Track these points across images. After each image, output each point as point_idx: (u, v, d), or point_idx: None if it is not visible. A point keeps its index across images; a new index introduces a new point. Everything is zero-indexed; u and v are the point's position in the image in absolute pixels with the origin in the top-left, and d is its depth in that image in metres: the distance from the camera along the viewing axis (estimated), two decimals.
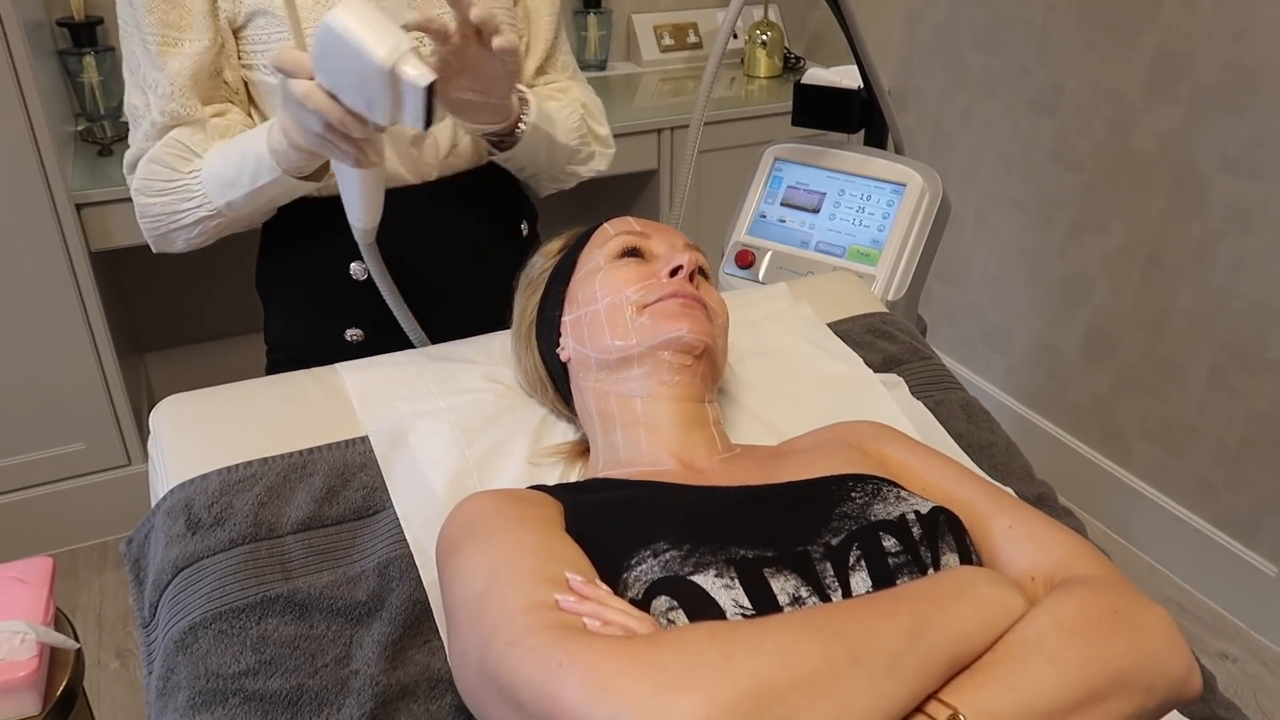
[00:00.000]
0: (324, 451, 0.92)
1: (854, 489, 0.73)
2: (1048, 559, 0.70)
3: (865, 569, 0.66)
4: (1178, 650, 0.63)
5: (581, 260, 0.94)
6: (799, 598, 0.63)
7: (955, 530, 0.71)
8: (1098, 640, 0.60)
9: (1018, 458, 1.06)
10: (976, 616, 0.60)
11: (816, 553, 0.67)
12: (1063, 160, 2.13)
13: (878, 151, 1.55)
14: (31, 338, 1.94)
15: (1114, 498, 2.17)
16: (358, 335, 1.15)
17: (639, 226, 0.93)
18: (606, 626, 0.59)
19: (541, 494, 0.78)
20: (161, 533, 0.86)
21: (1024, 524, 0.74)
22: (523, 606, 0.60)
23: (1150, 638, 0.63)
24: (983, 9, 2.25)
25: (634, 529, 0.70)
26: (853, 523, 0.69)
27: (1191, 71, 1.83)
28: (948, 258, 2.47)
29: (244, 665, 0.76)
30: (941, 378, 1.13)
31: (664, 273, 0.88)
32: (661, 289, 0.87)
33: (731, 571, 0.63)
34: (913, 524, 0.69)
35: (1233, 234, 1.82)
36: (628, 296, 0.87)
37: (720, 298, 0.93)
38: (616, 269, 0.89)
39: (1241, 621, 1.95)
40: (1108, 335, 2.12)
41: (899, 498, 0.72)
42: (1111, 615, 0.62)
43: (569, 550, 0.68)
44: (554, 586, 0.62)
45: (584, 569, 0.66)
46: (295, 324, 1.19)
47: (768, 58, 2.63)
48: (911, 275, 1.44)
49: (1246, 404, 1.85)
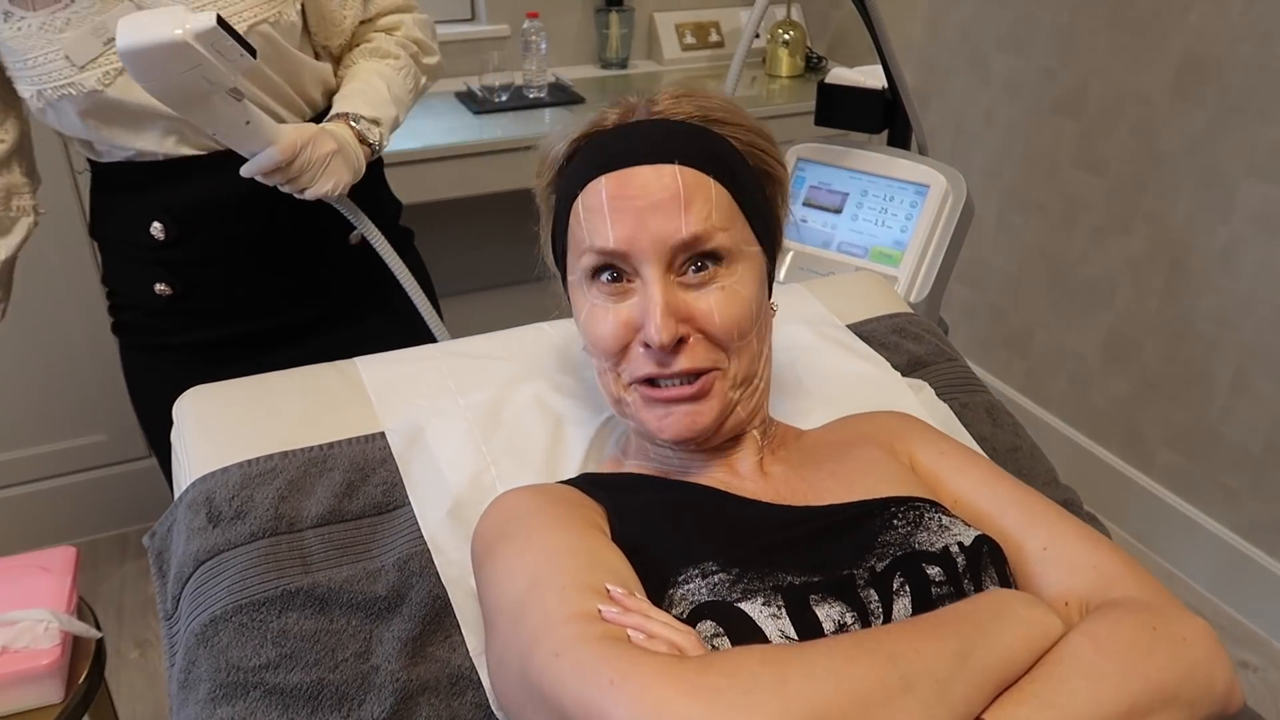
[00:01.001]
0: (344, 446, 0.92)
1: (896, 515, 0.72)
2: (1083, 582, 0.69)
3: (909, 595, 0.65)
4: (1220, 663, 0.63)
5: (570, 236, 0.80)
6: (844, 624, 0.63)
7: (997, 561, 0.70)
8: (1136, 655, 0.60)
9: (1042, 462, 1.05)
10: (1018, 638, 0.60)
11: (861, 579, 0.66)
12: (1086, 163, 2.11)
13: (901, 152, 1.54)
14: (56, 329, 1.95)
15: (1135, 504, 2.15)
16: (165, 290, 1.18)
17: (613, 239, 0.74)
18: (651, 640, 0.58)
19: (579, 494, 0.76)
20: (183, 525, 0.87)
21: (1058, 543, 0.72)
22: (566, 615, 0.59)
23: (1191, 651, 0.62)
24: (1007, 9, 2.23)
25: (681, 543, 0.69)
26: (896, 549, 0.68)
27: (1220, 74, 1.81)
28: (968, 260, 2.46)
29: (265, 659, 0.76)
30: (967, 380, 1.12)
31: (641, 340, 0.75)
32: (639, 367, 0.76)
33: (779, 599, 0.63)
34: (956, 555, 0.68)
35: (1260, 239, 1.80)
36: (609, 366, 0.78)
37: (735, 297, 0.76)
38: (594, 316, 0.77)
39: (1262, 630, 1.93)
40: (1130, 339, 2.10)
41: (941, 526, 0.71)
42: (1149, 632, 0.62)
43: (610, 554, 0.67)
44: (596, 596, 0.61)
45: (625, 575, 0.65)
46: (115, 271, 1.23)
47: (790, 57, 2.62)
48: (934, 277, 1.43)
49: (1270, 410, 1.83)
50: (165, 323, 1.21)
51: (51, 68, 1.00)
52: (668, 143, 0.76)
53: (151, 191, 1.13)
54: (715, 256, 0.75)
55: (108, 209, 1.19)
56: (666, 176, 0.74)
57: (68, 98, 1.01)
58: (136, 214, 1.14)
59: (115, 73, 1.01)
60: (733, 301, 0.75)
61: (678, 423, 0.76)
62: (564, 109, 2.29)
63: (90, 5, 0.99)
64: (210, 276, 1.19)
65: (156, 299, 1.18)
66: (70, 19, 0.98)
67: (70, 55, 0.99)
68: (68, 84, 1.00)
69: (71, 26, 0.98)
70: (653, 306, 0.73)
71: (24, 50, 0.99)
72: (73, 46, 0.99)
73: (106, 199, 1.18)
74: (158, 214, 1.13)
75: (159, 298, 1.18)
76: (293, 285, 1.23)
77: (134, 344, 1.25)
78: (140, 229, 1.14)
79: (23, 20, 0.98)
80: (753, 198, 0.79)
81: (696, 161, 0.75)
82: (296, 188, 1.07)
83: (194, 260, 1.17)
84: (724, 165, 0.77)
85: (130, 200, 1.14)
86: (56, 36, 0.98)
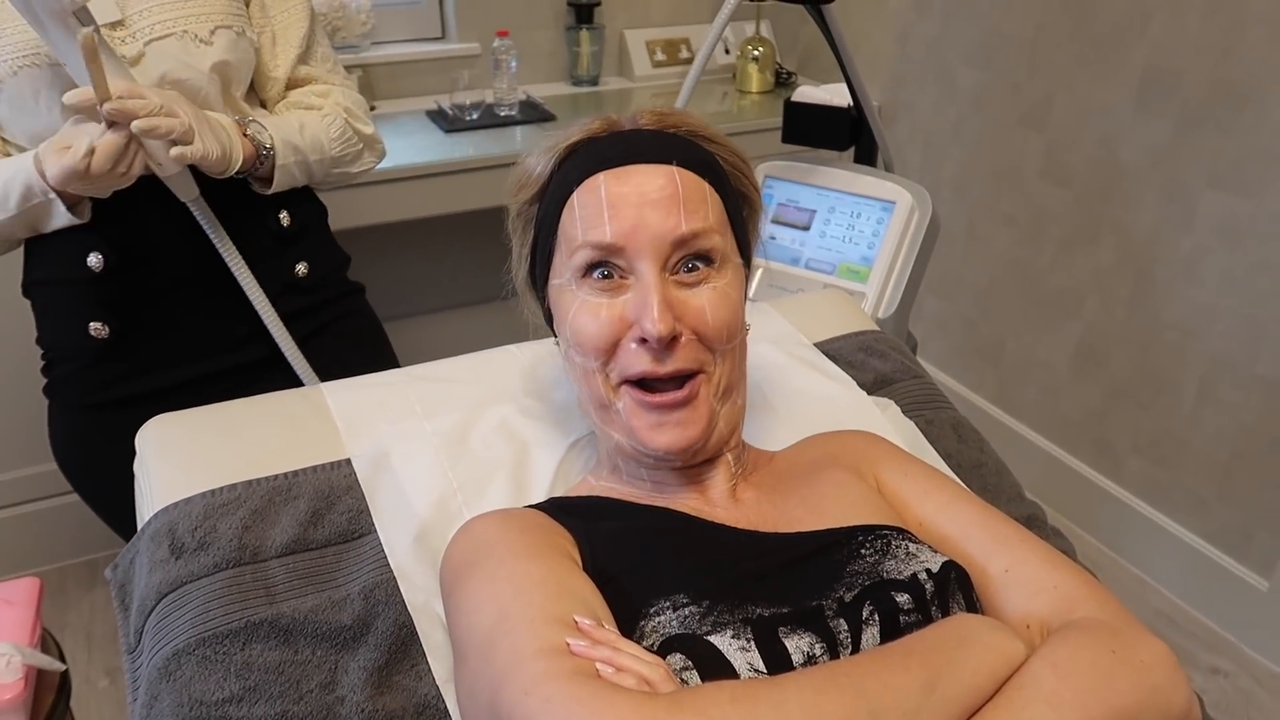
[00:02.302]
0: (308, 474, 0.92)
1: (864, 545, 0.72)
2: (1045, 605, 0.70)
3: (878, 624, 0.66)
4: (1178, 686, 0.63)
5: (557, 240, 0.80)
6: (813, 655, 0.63)
7: (965, 587, 0.71)
8: (1096, 681, 0.60)
9: (1007, 478, 1.06)
10: (983, 665, 0.60)
11: (830, 609, 0.67)
12: (1053, 175, 2.14)
13: (867, 169, 1.56)
14: (23, 355, 1.93)
15: (1105, 511, 2.18)
16: (101, 330, 1.14)
17: (610, 233, 0.75)
18: (620, 674, 0.58)
19: (548, 519, 0.76)
20: (146, 557, 0.86)
21: (1019, 566, 0.73)
22: (535, 650, 0.60)
23: (1151, 675, 0.62)
24: (973, 24, 2.26)
25: (652, 573, 0.69)
26: (865, 578, 0.69)
27: (1180, 87, 1.84)
28: (939, 272, 2.48)
29: (228, 692, 0.75)
30: (933, 397, 1.13)
31: (635, 334, 0.75)
32: (631, 365, 0.76)
33: (748, 632, 0.63)
34: (925, 582, 0.69)
35: (1221, 249, 1.82)
36: (597, 366, 0.78)
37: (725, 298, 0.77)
38: (584, 311, 0.77)
39: (1232, 636, 1.95)
40: (1098, 349, 2.12)
41: (909, 554, 0.71)
42: (1109, 656, 0.62)
43: (578, 583, 0.67)
44: (564, 628, 0.61)
45: (594, 603, 0.66)
46: (49, 322, 1.20)
47: (759, 73, 2.63)
48: (902, 292, 1.45)
49: (1236, 418, 1.86)
50: (103, 372, 1.17)
51: (22, 38, 1.00)
52: (665, 146, 0.78)
53: (89, 223, 1.09)
54: (708, 259, 0.77)
55: (41, 250, 1.15)
56: (665, 175, 0.76)
57: (31, 68, 1.01)
58: (72, 247, 1.11)
59: None
60: (724, 302, 0.77)
61: (669, 433, 0.76)
62: (535, 127, 2.30)
63: None
64: (149, 314, 1.16)
65: (93, 342, 1.14)
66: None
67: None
68: (36, 54, 1.00)
69: None
70: (650, 298, 0.73)
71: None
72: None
73: (37, 239, 1.13)
74: (95, 244, 1.10)
75: (95, 340, 1.14)
76: (236, 323, 1.19)
77: (70, 405, 1.20)
78: (76, 263, 1.11)
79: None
80: (737, 213, 0.82)
81: (693, 166, 0.78)
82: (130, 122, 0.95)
83: (132, 295, 1.14)
84: (716, 174, 0.80)
85: (67, 234, 1.09)
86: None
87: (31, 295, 1.20)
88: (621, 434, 0.79)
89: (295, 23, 1.20)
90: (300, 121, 1.16)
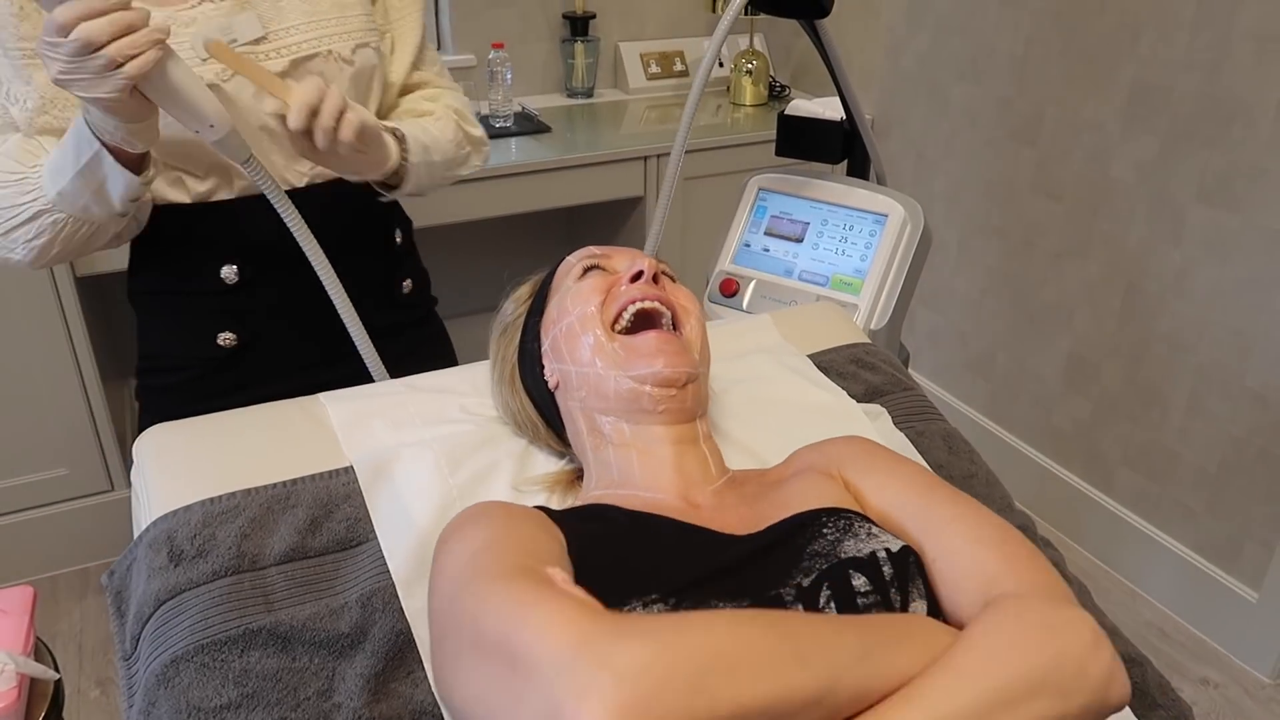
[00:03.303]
0: (307, 482, 0.92)
1: (826, 524, 0.74)
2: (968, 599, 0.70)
3: (834, 608, 0.67)
4: (1095, 652, 0.63)
5: (551, 292, 0.96)
6: None
7: (924, 571, 0.72)
8: (999, 646, 0.61)
9: (997, 489, 1.07)
10: (918, 660, 0.61)
11: (789, 595, 0.68)
12: (1043, 189, 2.16)
13: (860, 182, 1.57)
14: (16, 362, 1.93)
15: (1096, 523, 2.19)
16: (230, 340, 1.14)
17: (599, 250, 0.96)
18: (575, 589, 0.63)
19: (542, 515, 0.79)
20: (144, 565, 0.86)
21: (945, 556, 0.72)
22: (502, 569, 0.64)
23: (1058, 639, 0.62)
24: (965, 40, 2.28)
25: (627, 573, 0.71)
26: (823, 561, 0.70)
27: (1168, 103, 1.86)
28: (931, 284, 2.50)
29: (226, 699, 0.76)
30: (924, 409, 1.14)
31: (626, 278, 0.90)
32: (625, 295, 0.89)
33: None
34: (883, 562, 0.70)
35: (1210, 262, 1.84)
36: (594, 306, 0.89)
37: (690, 293, 0.94)
38: (581, 284, 0.92)
39: (1222, 647, 1.97)
40: (1089, 362, 2.14)
41: (870, 534, 0.72)
42: (1015, 622, 0.63)
43: (560, 555, 0.71)
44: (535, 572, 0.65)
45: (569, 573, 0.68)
46: (167, 331, 1.17)
47: (753, 86, 2.66)
48: (894, 304, 1.46)
49: (1226, 430, 1.87)
50: (215, 382, 1.15)
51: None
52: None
53: (221, 233, 1.09)
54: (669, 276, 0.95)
55: (165, 259, 1.13)
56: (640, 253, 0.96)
57: None
58: (205, 258, 1.10)
59: (232, 72, 1.01)
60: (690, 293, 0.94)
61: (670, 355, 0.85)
62: (531, 138, 2.31)
63: (216, 9, 1.01)
64: (276, 325, 1.15)
65: (219, 352, 1.13)
66: (195, 17, 1.01)
67: (195, 48, 0.99)
68: None
69: (196, 25, 1.00)
70: (636, 255, 0.92)
71: None
72: (199, 40, 0.99)
73: (165, 249, 1.12)
74: (230, 256, 1.10)
75: (221, 351, 1.13)
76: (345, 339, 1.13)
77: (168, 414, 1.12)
78: (209, 274, 1.10)
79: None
80: None
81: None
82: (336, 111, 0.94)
83: (261, 307, 1.13)
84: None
85: (198, 245, 1.10)
86: (183, 30, 1.00)
87: (144, 303, 1.18)
88: (620, 372, 0.86)
89: (412, 28, 1.20)
90: (421, 124, 1.16)
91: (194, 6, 1.01)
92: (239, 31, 1.02)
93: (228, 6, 1.03)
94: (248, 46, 1.03)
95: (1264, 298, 1.76)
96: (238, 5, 1.03)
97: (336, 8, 1.09)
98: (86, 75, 0.82)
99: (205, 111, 0.91)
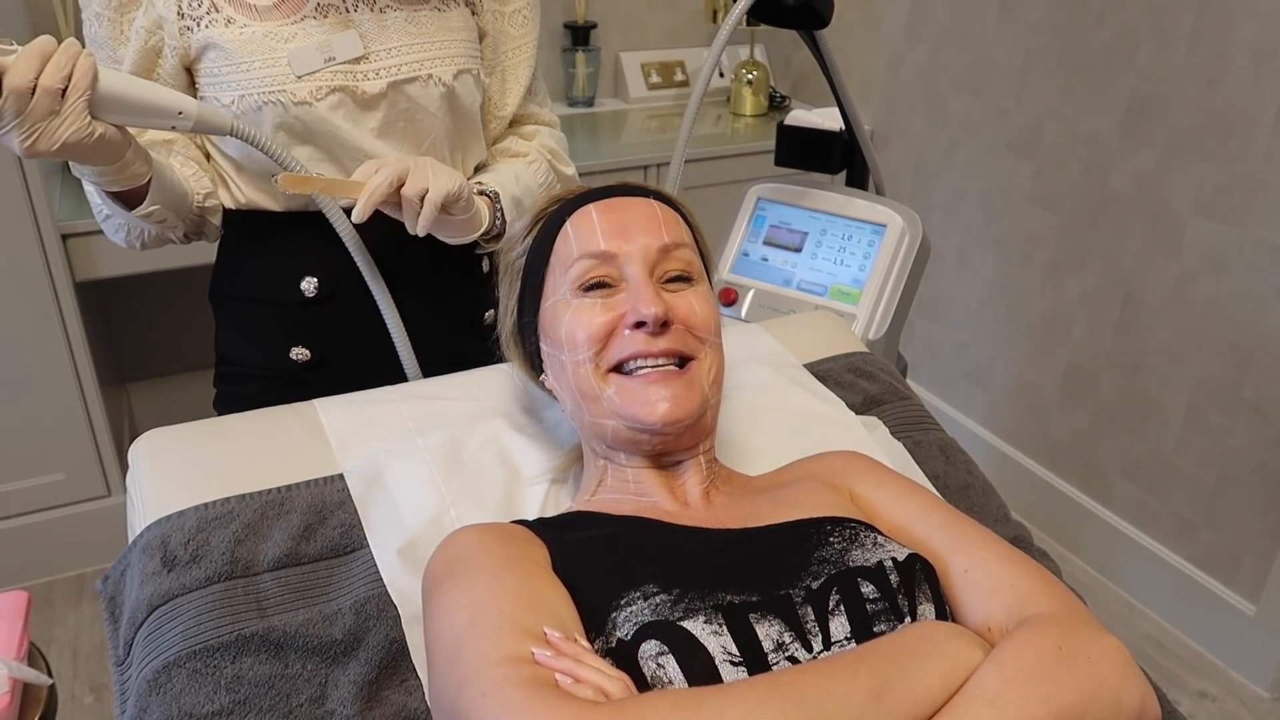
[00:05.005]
0: (302, 489, 0.92)
1: (832, 533, 0.74)
2: (1002, 605, 0.70)
3: (844, 614, 0.67)
4: (1130, 680, 0.63)
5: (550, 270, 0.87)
6: (782, 643, 0.65)
7: (931, 579, 0.72)
8: (1039, 678, 0.61)
9: (994, 499, 1.07)
10: (937, 675, 0.61)
11: (798, 596, 0.68)
12: (1042, 200, 2.17)
13: (859, 192, 1.57)
14: (13, 366, 1.93)
15: (1094, 535, 2.19)
16: (303, 355, 1.13)
17: (603, 243, 0.83)
18: (578, 685, 0.59)
19: (528, 532, 0.78)
20: (137, 570, 0.86)
21: (979, 565, 0.74)
22: (499, 657, 0.61)
23: (1097, 670, 0.63)
24: (963, 52, 2.29)
25: (622, 569, 0.70)
26: (831, 567, 0.70)
27: (1166, 116, 1.86)
28: (930, 295, 2.50)
29: (218, 705, 0.75)
30: (921, 418, 1.14)
31: (629, 321, 0.81)
32: (624, 348, 0.81)
33: (720, 618, 0.65)
34: (890, 571, 0.70)
35: (1208, 275, 1.84)
36: (593, 352, 0.82)
37: (706, 300, 0.85)
38: (580, 311, 0.83)
39: (1220, 660, 1.96)
40: (1087, 373, 2.14)
41: (876, 543, 0.73)
42: (1054, 652, 0.63)
43: (553, 595, 0.68)
44: (531, 638, 0.63)
45: (567, 616, 0.67)
46: (242, 337, 1.17)
47: (753, 96, 2.66)
48: (892, 314, 1.46)
49: (1223, 443, 1.87)
50: (285, 394, 1.10)
51: (268, 73, 0.99)
52: (642, 189, 0.91)
53: (305, 245, 1.08)
54: (686, 278, 0.86)
55: (247, 265, 1.13)
56: (645, 204, 0.87)
57: (274, 105, 1.00)
58: (286, 269, 1.10)
59: (327, 90, 1.01)
60: (706, 301, 0.85)
61: (666, 403, 0.79)
62: None
63: (319, 25, 1.01)
64: (349, 341, 1.14)
65: (292, 365, 1.13)
66: (296, 33, 1.01)
67: (292, 63, 1.00)
68: (280, 90, 1.00)
69: (296, 40, 1.00)
70: (643, 290, 0.81)
71: (243, 54, 0.99)
72: (296, 56, 1.00)
73: (248, 255, 1.12)
74: (311, 269, 1.09)
75: (293, 364, 1.13)
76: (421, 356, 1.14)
77: None
78: (289, 285, 1.10)
79: (246, 28, 1.00)
80: (702, 255, 0.91)
81: (668, 203, 0.91)
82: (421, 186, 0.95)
83: (337, 324, 1.12)
84: (685, 217, 0.91)
85: (281, 254, 1.09)
86: (282, 45, 1.00)
87: (225, 308, 1.18)
88: (614, 417, 0.82)
89: (525, 61, 1.18)
90: (514, 171, 1.15)
91: (295, 22, 1.01)
92: (338, 50, 1.01)
93: (330, 23, 1.02)
94: (346, 65, 1.02)
95: (1261, 310, 1.76)
96: (340, 22, 1.02)
97: (442, 31, 1.07)
98: (41, 122, 0.80)
99: (166, 104, 0.88)
